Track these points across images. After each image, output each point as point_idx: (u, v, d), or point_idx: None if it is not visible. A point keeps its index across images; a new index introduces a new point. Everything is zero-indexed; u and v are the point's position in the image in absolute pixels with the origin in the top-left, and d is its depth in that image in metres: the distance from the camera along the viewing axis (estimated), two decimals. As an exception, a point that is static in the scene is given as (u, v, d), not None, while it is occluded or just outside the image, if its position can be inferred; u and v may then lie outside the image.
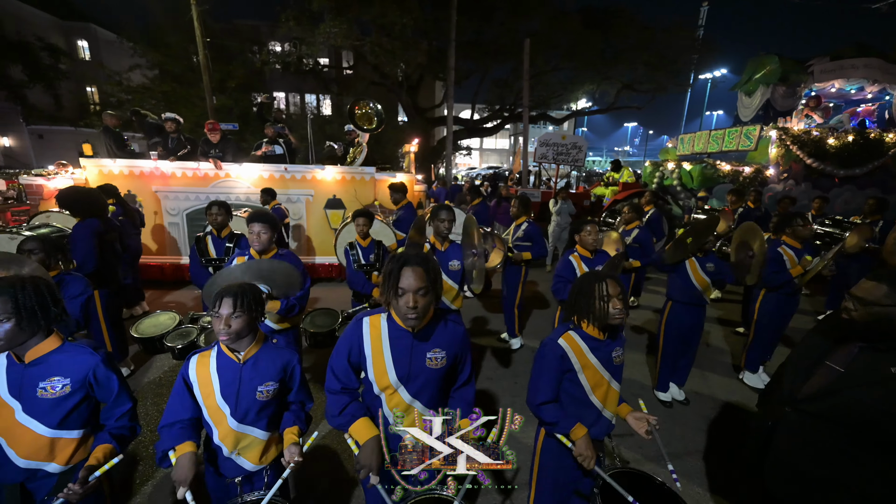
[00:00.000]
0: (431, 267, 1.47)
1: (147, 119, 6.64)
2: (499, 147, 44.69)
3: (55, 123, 22.13)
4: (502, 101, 18.25)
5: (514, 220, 4.16)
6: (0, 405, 1.41)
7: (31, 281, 1.41)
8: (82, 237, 2.95)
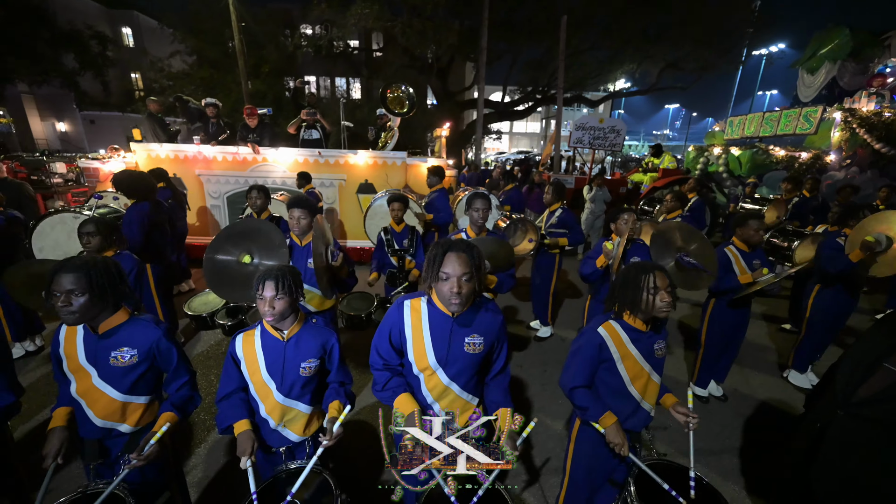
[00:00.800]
0: (476, 253, 1.49)
1: (189, 104, 6.90)
2: (529, 131, 43.53)
3: (104, 109, 23.47)
4: (535, 82, 17.62)
5: (548, 206, 4.06)
6: (79, 370, 1.55)
7: (102, 261, 1.53)
8: (134, 219, 3.15)
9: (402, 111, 6.95)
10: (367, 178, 6.18)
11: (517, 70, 17.59)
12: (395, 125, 6.92)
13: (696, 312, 5.19)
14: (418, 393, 1.64)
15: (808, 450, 1.55)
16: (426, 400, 1.63)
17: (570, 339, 4.48)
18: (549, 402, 3.39)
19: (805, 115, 8.21)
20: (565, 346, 4.32)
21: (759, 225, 2.93)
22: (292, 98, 8.42)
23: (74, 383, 1.56)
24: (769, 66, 21.78)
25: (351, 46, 17.74)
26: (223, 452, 2.70)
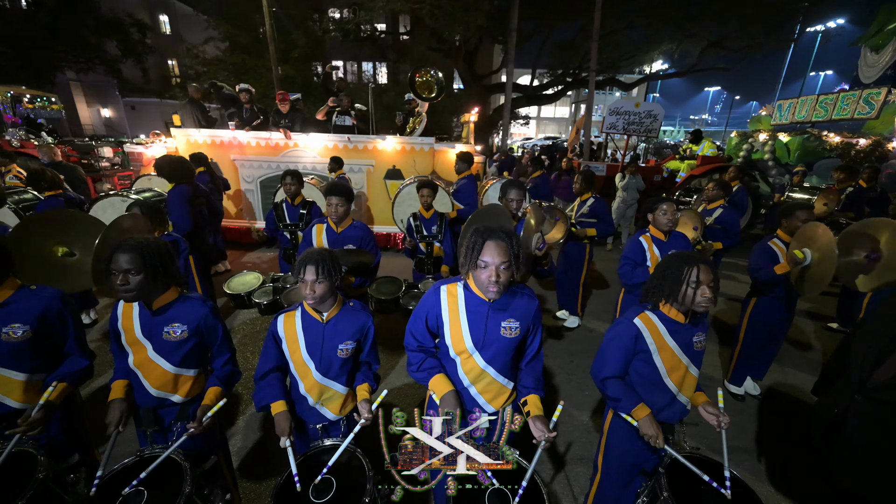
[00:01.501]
0: (515, 242, 1.48)
1: (223, 90, 7.08)
2: (557, 116, 42.19)
3: (144, 95, 24.45)
4: (565, 64, 16.97)
5: (578, 196, 3.96)
6: (136, 343, 1.66)
7: (153, 241, 1.61)
8: (175, 201, 3.30)
9: (431, 96, 6.87)
10: (394, 164, 6.20)
11: (547, 52, 17.01)
12: (424, 110, 6.86)
13: (731, 307, 4.98)
14: (454, 376, 1.67)
15: (828, 435, 1.50)
16: (462, 383, 1.66)
17: (598, 330, 4.41)
18: (575, 392, 3.37)
19: (866, 98, 7.52)
20: (593, 337, 4.26)
21: (808, 216, 2.73)
22: (322, 83, 8.49)
23: (132, 356, 1.67)
24: (825, 44, 20.05)
25: (378, 30, 17.60)
26: (258, 426, 2.85)
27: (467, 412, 1.64)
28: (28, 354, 1.63)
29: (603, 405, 3.21)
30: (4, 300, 1.59)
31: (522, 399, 1.68)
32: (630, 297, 3.21)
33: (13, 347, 1.59)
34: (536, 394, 1.67)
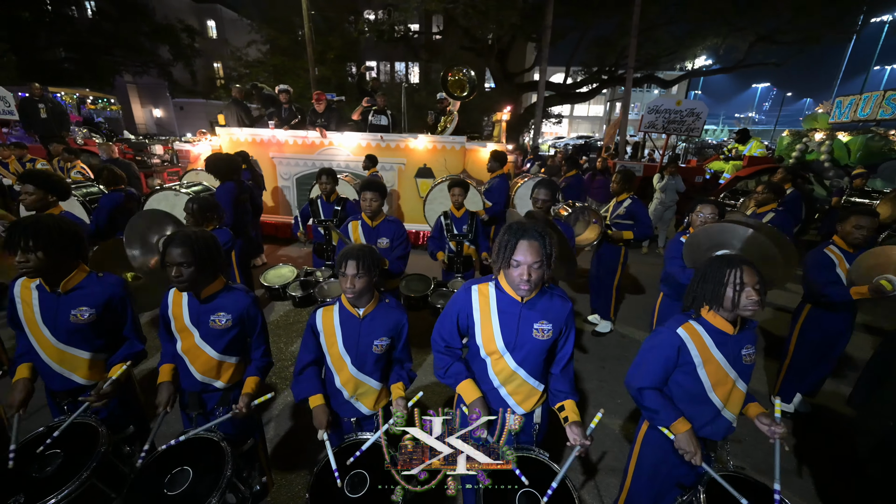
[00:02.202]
0: (549, 242, 1.46)
1: (263, 91, 7.39)
2: (591, 114, 41.06)
3: (191, 96, 25.94)
4: (601, 62, 16.49)
5: (615, 196, 3.83)
6: (184, 330, 1.76)
7: (203, 234, 1.70)
8: (223, 197, 3.48)
9: (463, 95, 6.86)
10: (425, 163, 6.24)
11: (582, 49, 16.59)
12: (455, 109, 6.87)
13: (779, 317, 4.67)
14: (484, 376, 1.66)
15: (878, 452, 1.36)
16: (492, 383, 1.64)
17: (631, 336, 4.26)
18: (607, 399, 3.27)
19: (942, 94, 6.81)
20: (626, 343, 4.11)
21: (869, 223, 2.50)
22: (356, 83, 8.69)
23: (180, 341, 1.78)
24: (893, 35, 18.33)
25: (411, 30, 17.79)
26: (288, 415, 2.96)
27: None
28: (92, 336, 1.77)
29: (637, 414, 3.10)
30: (76, 285, 1.73)
31: (559, 404, 1.64)
32: (669, 302, 3.07)
33: (80, 328, 1.72)
34: (572, 398, 1.63)
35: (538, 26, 13.07)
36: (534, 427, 1.73)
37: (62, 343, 1.72)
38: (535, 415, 1.72)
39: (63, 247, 1.64)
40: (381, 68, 24.30)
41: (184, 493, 1.44)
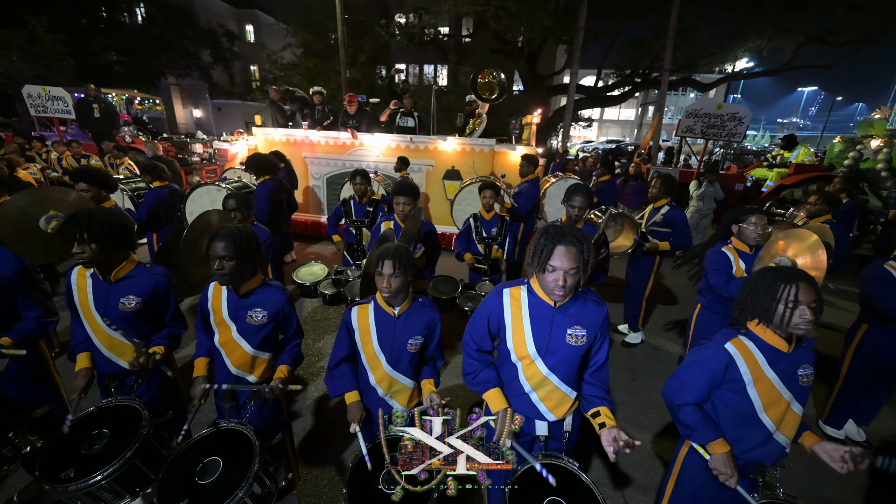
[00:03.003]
0: (586, 248, 1.41)
1: (297, 94, 7.61)
2: (622, 118, 40.02)
3: (228, 98, 27.09)
4: (635, 64, 16.04)
5: (653, 202, 3.68)
6: (222, 324, 1.81)
7: (246, 230, 1.75)
8: (262, 195, 3.59)
9: (492, 97, 6.82)
10: (453, 165, 6.23)
11: (615, 51, 16.19)
12: (484, 112, 6.84)
13: (829, 336, 4.36)
14: (514, 381, 1.62)
15: None
16: (523, 388, 1.61)
17: (663, 349, 4.09)
18: (637, 413, 3.14)
19: None
20: (658, 355, 3.95)
21: None
22: (387, 85, 8.81)
23: (217, 335, 1.83)
24: (962, 36, 16.89)
25: (441, 33, 17.89)
26: (314, 411, 3.00)
27: (527, 418, 1.62)
28: (137, 322, 1.85)
29: (670, 430, 2.96)
30: (125, 274, 1.81)
31: (593, 410, 1.58)
32: (707, 314, 2.92)
33: (127, 315, 1.81)
34: (607, 405, 1.57)
35: (570, 28, 12.85)
36: (564, 435, 1.68)
37: (111, 329, 1.81)
38: (565, 422, 1.67)
39: (114, 239, 1.73)
40: (410, 71, 24.58)
41: (213, 483, 1.48)
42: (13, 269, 1.83)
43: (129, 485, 1.59)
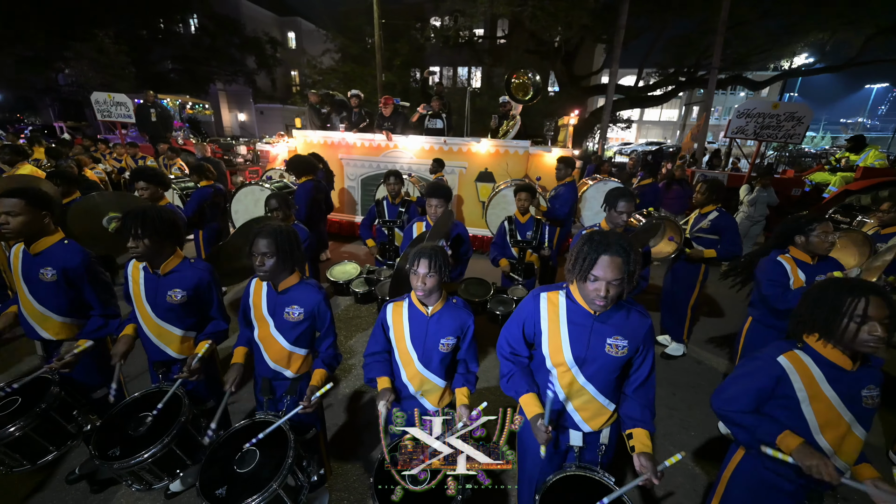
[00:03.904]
0: (633, 258, 1.35)
1: (335, 97, 7.84)
2: (663, 119, 38.31)
3: (270, 102, 28.44)
4: (680, 62, 15.29)
5: (699, 207, 3.47)
6: (261, 319, 1.87)
7: (286, 229, 1.79)
8: (302, 195, 3.72)
9: (526, 98, 6.73)
10: (487, 167, 6.19)
11: (657, 49, 15.50)
12: (517, 113, 6.74)
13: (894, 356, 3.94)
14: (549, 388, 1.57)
15: None
16: (557, 396, 1.56)
17: (707, 363, 3.84)
18: (678, 430, 2.97)
19: None
20: (701, 370, 3.72)
21: None
22: (420, 88, 8.91)
23: (257, 329, 1.89)
24: None
25: (476, 35, 17.88)
26: (346, 407, 3.05)
27: (561, 427, 1.57)
28: (183, 314, 1.95)
29: (713, 449, 2.77)
30: (172, 268, 1.92)
31: (627, 431, 1.50)
32: (759, 328, 2.71)
33: (174, 307, 1.91)
34: (645, 428, 1.49)
35: (609, 27, 12.46)
36: (599, 447, 1.61)
37: (160, 319, 1.93)
38: (602, 434, 1.61)
39: (164, 235, 1.84)
40: (443, 73, 24.76)
41: (250, 473, 1.53)
42: (80, 260, 1.98)
43: (167, 467, 1.68)
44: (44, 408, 1.75)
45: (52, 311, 1.99)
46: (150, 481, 1.68)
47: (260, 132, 26.70)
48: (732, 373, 1.57)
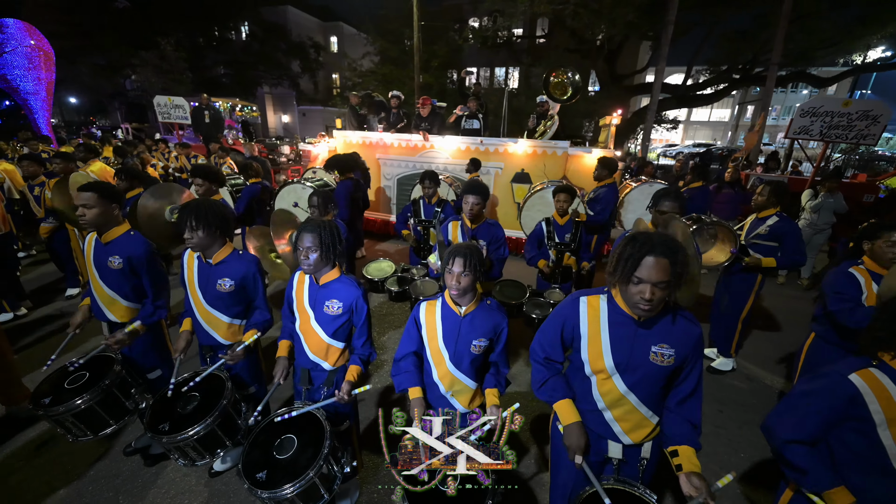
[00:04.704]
0: (681, 259, 1.26)
1: (375, 99, 8.01)
2: (713, 119, 36.08)
3: (312, 104, 29.58)
4: (734, 59, 14.35)
5: (758, 211, 3.22)
6: (303, 311, 1.92)
7: (331, 225, 1.84)
8: (341, 193, 3.82)
9: (564, 98, 6.56)
10: (523, 168, 6.08)
11: (709, 45, 14.62)
12: (555, 112, 6.58)
13: None
14: (588, 395, 1.51)
15: None
16: (596, 404, 1.49)
17: (759, 380, 3.57)
18: (724, 449, 2.77)
19: None
20: (753, 388, 3.46)
21: None
22: (457, 88, 8.92)
23: (298, 320, 1.96)
24: None
25: (515, 35, 17.68)
26: (376, 402, 3.10)
27: (598, 437, 1.51)
28: (230, 303, 2.06)
29: (764, 473, 2.57)
30: (222, 259, 2.03)
31: (671, 448, 1.41)
32: (823, 345, 2.49)
33: (222, 296, 2.02)
34: (691, 445, 1.40)
35: (656, 23, 11.93)
36: (640, 461, 1.52)
37: (209, 306, 2.05)
38: (643, 448, 1.52)
39: (216, 227, 1.95)
40: (480, 73, 24.70)
41: (288, 460, 1.58)
42: (142, 250, 2.14)
43: (209, 446, 1.79)
44: (107, 384, 1.90)
45: (119, 296, 2.16)
46: (194, 458, 1.78)
47: (301, 133, 27.84)
48: (792, 391, 1.43)
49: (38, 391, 1.88)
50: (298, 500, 1.54)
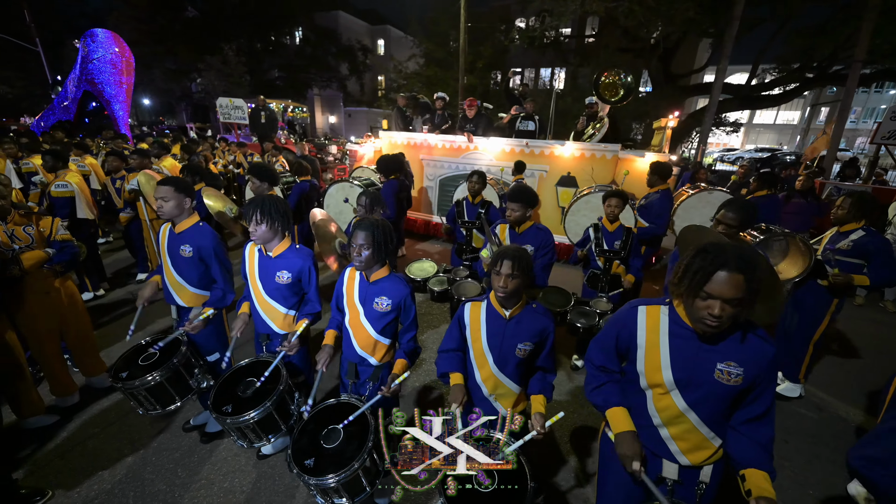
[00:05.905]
0: (758, 276, 1.15)
1: (420, 100, 8.12)
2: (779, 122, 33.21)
3: (357, 105, 30.58)
4: (809, 56, 13.10)
5: (839, 224, 2.91)
6: (353, 306, 1.97)
7: (381, 222, 1.88)
8: (388, 193, 3.91)
9: (614, 99, 6.29)
10: (569, 171, 5.90)
11: (779, 42, 13.45)
12: (605, 114, 6.33)
13: None
14: (642, 410, 1.43)
15: None
16: (651, 420, 1.41)
17: (830, 409, 3.23)
18: (789, 483, 2.53)
19: None
20: (823, 420, 3.13)
21: None
22: (503, 90, 8.85)
23: (347, 316, 2.00)
24: None
25: (563, 35, 17.25)
26: (414, 399, 3.12)
27: (653, 455, 1.43)
28: (287, 294, 2.16)
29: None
30: (281, 252, 2.13)
31: (742, 472, 1.29)
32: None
33: (280, 287, 2.12)
34: (764, 470, 1.26)
35: (719, 19, 11.15)
36: (699, 486, 1.40)
37: (268, 296, 2.15)
38: (702, 472, 1.41)
39: (278, 222, 2.05)
40: (526, 74, 24.36)
41: (334, 450, 1.63)
42: (210, 241, 2.29)
43: (265, 430, 1.87)
44: (175, 363, 2.05)
45: (187, 283, 2.33)
46: (252, 440, 1.88)
47: (347, 133, 28.84)
48: (882, 426, 1.27)
49: (115, 367, 2.07)
50: (343, 490, 1.58)
